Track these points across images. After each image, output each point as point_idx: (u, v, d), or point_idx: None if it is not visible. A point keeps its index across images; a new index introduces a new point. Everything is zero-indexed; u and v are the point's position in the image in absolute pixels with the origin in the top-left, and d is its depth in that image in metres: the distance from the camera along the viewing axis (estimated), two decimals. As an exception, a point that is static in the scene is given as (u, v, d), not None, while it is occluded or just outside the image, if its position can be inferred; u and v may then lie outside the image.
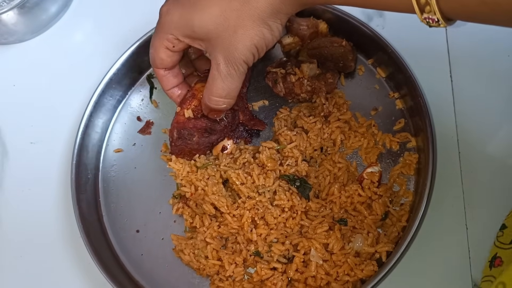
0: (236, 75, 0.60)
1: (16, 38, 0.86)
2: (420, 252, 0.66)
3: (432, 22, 0.47)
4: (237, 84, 0.61)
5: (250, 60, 0.59)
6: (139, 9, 0.85)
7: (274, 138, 0.73)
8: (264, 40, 0.57)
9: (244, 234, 0.68)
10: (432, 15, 0.46)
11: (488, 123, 0.72)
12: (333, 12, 0.73)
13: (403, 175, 0.69)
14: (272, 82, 0.72)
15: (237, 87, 0.62)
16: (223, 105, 0.63)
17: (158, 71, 0.66)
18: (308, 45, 0.72)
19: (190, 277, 0.70)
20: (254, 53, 0.58)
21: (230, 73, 0.59)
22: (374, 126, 0.72)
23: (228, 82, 0.60)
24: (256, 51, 0.58)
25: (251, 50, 0.58)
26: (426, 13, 0.46)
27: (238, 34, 0.56)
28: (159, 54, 0.63)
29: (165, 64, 0.65)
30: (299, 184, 0.68)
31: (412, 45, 0.75)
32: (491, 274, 0.61)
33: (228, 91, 0.61)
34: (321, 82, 0.71)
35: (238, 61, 0.58)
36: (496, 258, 0.61)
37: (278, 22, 0.57)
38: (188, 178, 0.71)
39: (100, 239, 0.73)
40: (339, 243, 0.65)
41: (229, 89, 0.61)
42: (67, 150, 0.79)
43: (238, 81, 0.61)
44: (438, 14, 0.46)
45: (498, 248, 0.62)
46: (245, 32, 0.56)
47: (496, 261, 0.61)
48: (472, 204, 0.69)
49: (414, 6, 0.46)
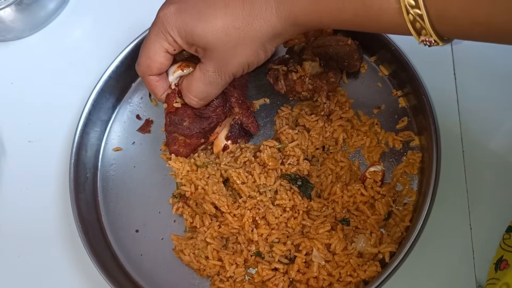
0: (220, 84, 0.62)
1: (14, 35, 0.86)
2: (423, 253, 0.65)
3: (430, 44, 0.49)
4: (217, 91, 0.64)
5: (239, 74, 0.61)
6: (139, 6, 0.84)
7: (275, 137, 0.72)
8: (256, 60, 0.60)
9: (245, 234, 0.67)
10: (428, 37, 0.48)
11: (492, 121, 0.71)
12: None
13: (407, 174, 0.68)
14: (273, 79, 0.72)
15: (216, 93, 0.64)
16: (195, 105, 0.65)
17: (151, 79, 0.65)
18: (313, 43, 0.71)
19: (190, 277, 0.70)
20: (244, 69, 0.61)
21: (216, 81, 0.61)
22: (377, 124, 0.71)
23: (210, 88, 0.62)
24: (246, 67, 0.61)
25: (242, 66, 0.60)
26: (423, 36, 0.48)
27: (237, 51, 0.58)
28: (158, 58, 0.63)
29: (163, 68, 0.64)
30: (300, 184, 0.68)
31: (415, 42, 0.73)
32: (496, 277, 0.60)
33: (206, 95, 0.64)
34: (323, 81, 0.70)
35: (227, 73, 0.60)
36: (502, 261, 0.60)
37: (274, 45, 0.60)
38: (188, 177, 0.70)
39: (99, 238, 0.72)
40: (341, 244, 0.64)
41: (208, 93, 0.64)
42: (65, 149, 0.78)
43: (220, 89, 0.63)
44: (434, 36, 0.47)
45: (504, 250, 0.62)
46: (243, 50, 0.58)
47: (502, 264, 0.60)
48: (476, 204, 0.68)
49: (411, 31, 0.48)
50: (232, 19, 0.56)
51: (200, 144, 0.71)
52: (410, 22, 0.47)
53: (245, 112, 0.71)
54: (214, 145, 0.72)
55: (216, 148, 0.72)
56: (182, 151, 0.70)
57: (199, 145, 0.71)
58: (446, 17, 0.46)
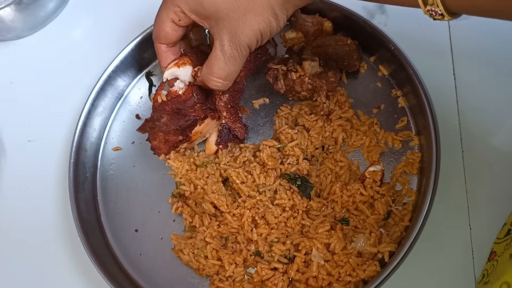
0: (239, 58, 0.61)
1: (14, 34, 0.86)
2: (423, 252, 0.65)
3: (436, 14, 0.47)
4: (238, 67, 0.62)
5: (253, 45, 0.60)
6: (138, 6, 0.84)
7: (275, 137, 0.72)
8: (269, 28, 0.58)
9: (244, 233, 0.67)
10: (435, 7, 0.46)
11: (492, 121, 0.71)
12: (337, 9, 0.72)
13: (406, 174, 0.68)
14: (272, 78, 0.72)
15: (237, 70, 0.63)
16: (222, 86, 0.64)
17: (160, 47, 0.66)
18: (313, 43, 0.71)
19: (189, 277, 0.70)
20: (258, 39, 0.59)
21: (233, 55, 0.60)
22: (376, 124, 0.71)
23: (230, 64, 0.61)
24: (260, 37, 0.59)
25: (256, 35, 0.59)
26: (429, 5, 0.46)
27: (247, 18, 0.57)
28: (164, 27, 0.63)
29: (169, 38, 0.64)
30: (300, 183, 0.68)
31: (415, 42, 0.74)
32: (486, 268, 0.61)
33: (228, 72, 0.62)
34: (322, 81, 0.70)
35: (242, 44, 0.59)
36: (492, 253, 0.61)
37: (285, 13, 0.58)
38: (187, 177, 0.70)
39: (98, 238, 0.72)
40: (341, 243, 0.64)
41: (230, 71, 0.62)
42: (65, 148, 0.78)
43: (239, 64, 0.62)
44: (441, 6, 0.46)
45: (495, 243, 0.62)
46: (254, 17, 0.57)
47: (491, 255, 0.61)
48: (475, 203, 0.68)
49: None
50: None
51: (179, 141, 0.70)
52: None
53: (232, 117, 0.71)
54: (206, 149, 0.72)
55: (207, 150, 0.72)
56: (162, 147, 0.70)
57: (177, 142, 0.70)
58: None
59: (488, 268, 0.59)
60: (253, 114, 0.75)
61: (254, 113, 0.75)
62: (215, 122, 0.71)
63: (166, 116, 0.68)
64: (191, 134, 0.70)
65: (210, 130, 0.72)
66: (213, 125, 0.72)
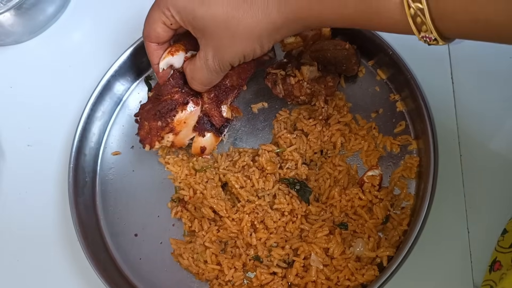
0: (221, 72, 0.64)
1: (13, 39, 0.86)
2: (421, 256, 0.65)
3: (430, 40, 0.48)
4: (219, 77, 0.66)
5: (235, 63, 0.62)
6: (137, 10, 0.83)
7: (273, 141, 0.73)
8: (252, 53, 0.60)
9: (243, 238, 0.67)
10: (429, 34, 0.47)
11: (490, 125, 0.71)
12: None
13: (404, 178, 0.69)
14: (271, 83, 0.72)
15: (218, 79, 0.66)
16: (201, 90, 0.68)
17: (150, 45, 0.66)
18: (311, 47, 0.72)
19: (189, 281, 0.70)
20: (240, 60, 0.61)
21: (216, 69, 0.63)
22: (375, 128, 0.71)
23: (212, 76, 0.64)
24: (242, 59, 0.61)
25: (239, 57, 0.61)
26: (423, 32, 0.48)
27: (233, 42, 0.59)
28: (156, 27, 0.63)
29: (160, 38, 0.65)
30: (299, 188, 0.68)
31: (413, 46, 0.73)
32: (490, 278, 0.60)
33: (210, 81, 0.66)
34: (321, 85, 0.70)
35: (225, 62, 0.61)
36: (495, 262, 0.61)
37: (271, 42, 0.59)
38: (186, 181, 0.70)
39: (97, 243, 0.72)
40: (339, 248, 0.64)
41: (211, 79, 0.65)
42: (64, 153, 0.78)
43: (221, 76, 0.65)
44: (435, 32, 0.47)
45: (498, 252, 0.62)
46: (240, 43, 0.58)
47: (495, 265, 0.61)
48: (473, 207, 0.68)
49: (411, 26, 0.48)
50: (233, 8, 0.57)
51: (160, 128, 0.69)
52: (411, 16, 0.47)
53: (213, 104, 0.70)
54: (192, 147, 0.72)
55: (193, 149, 0.71)
56: (147, 137, 0.69)
57: (158, 128, 0.69)
58: (447, 13, 0.46)
59: (496, 280, 0.59)
60: (252, 118, 0.75)
61: (253, 118, 0.75)
62: (199, 109, 0.70)
63: (150, 103, 0.69)
64: (174, 122, 0.69)
65: (196, 118, 0.70)
66: (197, 113, 0.70)
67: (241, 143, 0.75)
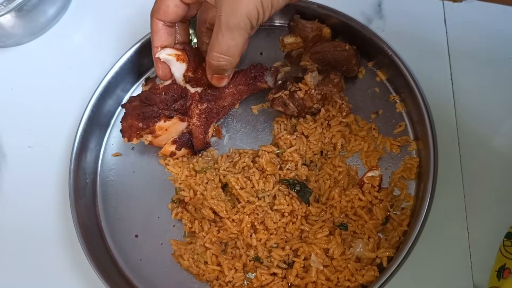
0: (236, 30, 0.57)
1: (14, 41, 0.86)
2: (421, 257, 0.66)
3: None
4: (236, 41, 0.59)
5: (254, 17, 0.56)
6: (137, 12, 0.84)
7: (273, 142, 0.73)
8: (270, 1, 0.55)
9: (243, 239, 0.67)
10: None
11: (490, 126, 0.71)
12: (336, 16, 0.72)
13: (404, 179, 0.69)
14: (281, 106, 0.71)
15: (236, 44, 0.59)
16: (223, 62, 0.62)
17: (156, 23, 0.64)
18: (311, 49, 0.72)
19: (189, 282, 0.70)
20: (259, 9, 0.56)
21: (230, 27, 0.57)
22: (375, 129, 0.71)
23: (227, 37, 0.58)
24: (261, 7, 0.56)
25: (256, 5, 0.55)
26: None
27: None
28: (166, 1, 0.62)
29: (168, 14, 0.63)
30: (299, 189, 0.68)
31: (412, 46, 0.74)
32: (498, 285, 0.60)
33: (227, 46, 0.59)
34: (329, 85, 0.70)
35: (240, 14, 0.56)
36: (505, 269, 0.60)
37: None
38: (187, 182, 0.70)
39: (98, 244, 0.73)
40: (339, 248, 0.64)
41: (228, 44, 0.59)
42: (65, 154, 0.78)
43: (238, 38, 0.58)
44: None
45: (506, 258, 0.62)
46: None
47: (505, 272, 0.60)
48: (473, 208, 0.68)
49: None
50: None
51: (140, 128, 0.70)
52: None
53: (200, 127, 0.71)
54: (163, 148, 0.72)
55: (163, 150, 0.72)
56: (127, 131, 0.70)
57: (138, 128, 0.70)
58: None
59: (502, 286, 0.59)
60: (252, 119, 0.75)
61: (253, 119, 0.75)
62: (185, 124, 0.71)
63: (138, 101, 0.70)
64: (155, 127, 0.70)
65: (179, 131, 0.72)
66: (181, 128, 0.71)
67: (241, 144, 0.75)
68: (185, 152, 0.73)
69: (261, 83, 0.71)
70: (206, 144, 0.72)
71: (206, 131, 0.72)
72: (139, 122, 0.70)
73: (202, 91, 0.70)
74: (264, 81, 0.71)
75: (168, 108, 0.69)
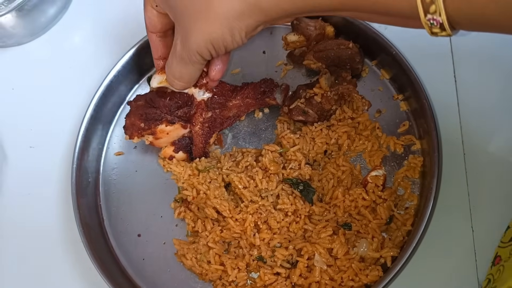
0: (190, 62, 0.58)
1: (15, 41, 0.86)
2: (425, 256, 0.65)
3: (436, 24, 0.44)
4: (190, 70, 0.60)
5: (205, 54, 0.57)
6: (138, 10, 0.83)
7: (277, 141, 0.73)
8: (222, 42, 0.55)
9: (247, 238, 0.67)
10: (437, 16, 0.43)
11: (493, 124, 0.71)
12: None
13: (408, 178, 0.68)
14: (301, 115, 0.70)
15: (190, 73, 0.61)
16: (177, 85, 0.64)
17: (151, 36, 0.66)
18: (314, 47, 0.71)
19: (192, 282, 0.70)
20: (210, 50, 0.56)
21: (183, 57, 0.58)
22: (378, 128, 0.71)
23: (181, 66, 0.60)
24: (212, 48, 0.56)
25: (206, 45, 0.55)
26: (430, 13, 0.44)
27: (198, 25, 0.54)
28: (147, 13, 0.63)
29: (155, 25, 0.64)
30: (302, 188, 0.68)
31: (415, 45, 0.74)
32: (491, 272, 0.61)
33: (180, 74, 0.61)
34: (343, 84, 0.69)
35: (191, 50, 0.57)
36: (496, 257, 0.61)
37: (243, 30, 0.54)
38: (189, 182, 0.70)
39: (101, 243, 0.72)
40: (343, 248, 0.64)
41: (181, 72, 0.61)
42: (67, 154, 0.78)
43: (192, 68, 0.60)
44: (444, 14, 0.43)
45: (499, 248, 0.62)
46: (206, 26, 0.54)
47: (496, 259, 0.61)
48: (477, 206, 0.68)
49: (418, 5, 0.44)
50: None
51: (141, 128, 0.70)
52: None
53: (202, 136, 0.71)
54: (163, 150, 0.73)
55: (163, 153, 0.72)
56: (129, 128, 0.71)
57: (140, 128, 0.70)
58: None
59: (494, 273, 0.59)
60: (255, 118, 0.75)
61: (256, 118, 0.75)
62: (187, 131, 0.72)
63: (143, 100, 0.70)
64: (157, 129, 0.70)
65: (180, 135, 0.72)
66: (182, 133, 0.72)
67: (244, 143, 0.75)
68: (184, 156, 0.73)
69: (269, 99, 0.71)
70: (205, 153, 0.72)
71: (207, 141, 0.72)
72: (141, 123, 0.69)
73: (208, 100, 0.70)
74: (273, 98, 0.71)
75: (171, 113, 0.69)
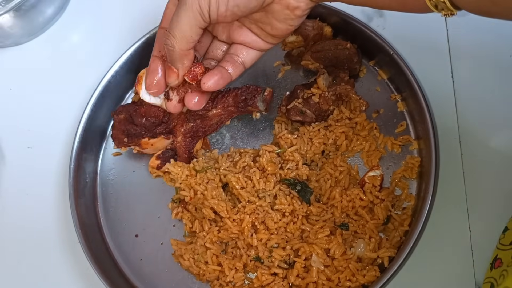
0: (183, 11, 0.56)
1: (12, 41, 0.86)
2: (423, 257, 0.65)
3: None
4: (183, 21, 0.57)
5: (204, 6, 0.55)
6: (137, 10, 0.84)
7: (274, 141, 0.72)
8: None
9: (244, 239, 0.67)
10: None
11: (491, 124, 0.71)
12: (336, 14, 0.72)
13: (405, 178, 0.68)
14: (299, 115, 0.70)
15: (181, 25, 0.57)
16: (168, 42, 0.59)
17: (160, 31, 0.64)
18: (312, 47, 0.71)
19: (190, 282, 0.70)
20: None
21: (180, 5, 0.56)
22: (376, 129, 0.71)
23: (176, 16, 0.57)
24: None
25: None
26: None
27: None
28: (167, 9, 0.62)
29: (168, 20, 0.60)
30: (300, 188, 0.68)
31: (413, 45, 0.74)
32: (491, 275, 0.60)
33: (174, 24, 0.58)
34: (341, 85, 0.69)
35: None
36: (496, 260, 0.61)
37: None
38: (187, 182, 0.70)
39: (98, 243, 0.72)
40: (340, 248, 0.64)
41: (174, 22, 0.57)
42: (64, 154, 0.78)
43: (185, 18, 0.57)
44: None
45: (498, 250, 0.62)
46: None
47: (496, 262, 0.61)
48: (475, 207, 0.68)
49: None
50: None
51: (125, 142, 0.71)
52: None
53: (185, 146, 0.72)
54: (151, 161, 0.73)
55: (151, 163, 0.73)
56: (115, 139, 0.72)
57: (124, 142, 0.72)
58: None
59: (497, 277, 0.59)
60: (253, 118, 0.75)
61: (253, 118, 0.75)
62: (170, 140, 0.73)
63: (125, 113, 0.71)
64: (141, 142, 0.72)
65: (165, 145, 0.73)
66: (167, 143, 0.73)
67: (242, 143, 0.75)
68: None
69: (251, 107, 0.71)
70: (191, 159, 0.73)
71: (190, 150, 0.72)
72: (124, 137, 0.71)
73: (188, 111, 0.70)
74: (255, 106, 0.71)
75: (151, 132, 0.70)
